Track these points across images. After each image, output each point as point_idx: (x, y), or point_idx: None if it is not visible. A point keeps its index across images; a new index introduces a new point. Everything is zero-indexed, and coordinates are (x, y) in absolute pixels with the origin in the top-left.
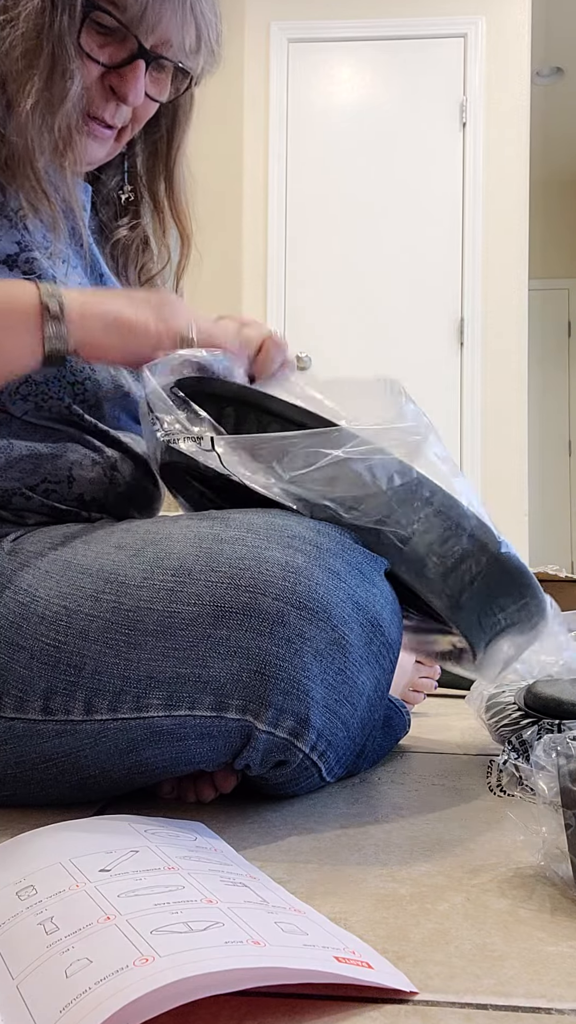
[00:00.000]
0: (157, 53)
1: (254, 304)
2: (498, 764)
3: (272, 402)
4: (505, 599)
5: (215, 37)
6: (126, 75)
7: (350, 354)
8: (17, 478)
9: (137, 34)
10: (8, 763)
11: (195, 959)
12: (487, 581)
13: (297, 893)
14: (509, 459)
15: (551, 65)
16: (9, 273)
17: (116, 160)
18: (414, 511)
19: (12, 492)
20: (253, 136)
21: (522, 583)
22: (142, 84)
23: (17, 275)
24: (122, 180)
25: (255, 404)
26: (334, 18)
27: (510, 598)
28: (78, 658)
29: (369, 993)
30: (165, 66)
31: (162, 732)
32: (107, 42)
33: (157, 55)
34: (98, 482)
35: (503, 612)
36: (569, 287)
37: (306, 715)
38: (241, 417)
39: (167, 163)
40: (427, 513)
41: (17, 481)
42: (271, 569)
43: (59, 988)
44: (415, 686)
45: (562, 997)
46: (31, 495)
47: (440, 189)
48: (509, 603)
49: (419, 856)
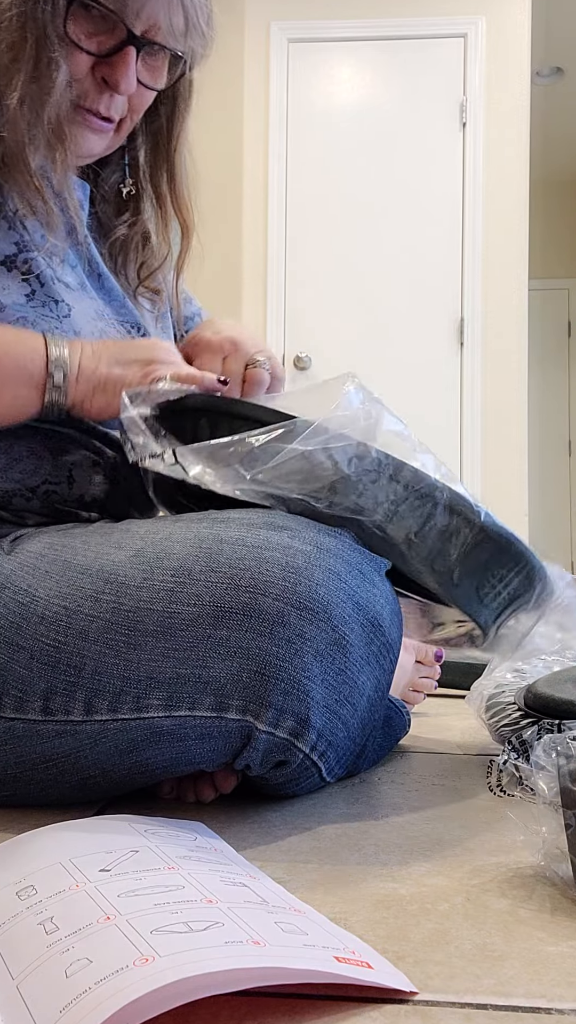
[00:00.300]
0: (147, 39)
1: (254, 304)
2: (498, 764)
3: (237, 406)
4: (499, 569)
5: (204, 18)
6: (116, 63)
7: (350, 354)
8: (18, 479)
9: (124, 20)
10: (8, 763)
11: (195, 959)
12: (475, 553)
13: (297, 893)
14: (509, 459)
15: (551, 65)
16: (8, 274)
17: (116, 155)
18: (382, 490)
19: (12, 493)
20: (253, 136)
21: (512, 551)
22: (133, 72)
23: (16, 276)
24: (123, 174)
25: (223, 411)
26: (334, 18)
27: (504, 568)
28: (78, 658)
29: (369, 993)
30: (157, 52)
31: (162, 732)
32: (95, 31)
33: (147, 40)
34: (98, 483)
35: (501, 583)
36: (569, 287)
37: (306, 715)
38: (215, 425)
39: (168, 153)
40: (396, 490)
41: (18, 482)
42: (271, 569)
43: (59, 988)
44: (415, 686)
45: (562, 997)
46: (31, 496)
47: (440, 189)
48: (504, 573)
49: (419, 856)
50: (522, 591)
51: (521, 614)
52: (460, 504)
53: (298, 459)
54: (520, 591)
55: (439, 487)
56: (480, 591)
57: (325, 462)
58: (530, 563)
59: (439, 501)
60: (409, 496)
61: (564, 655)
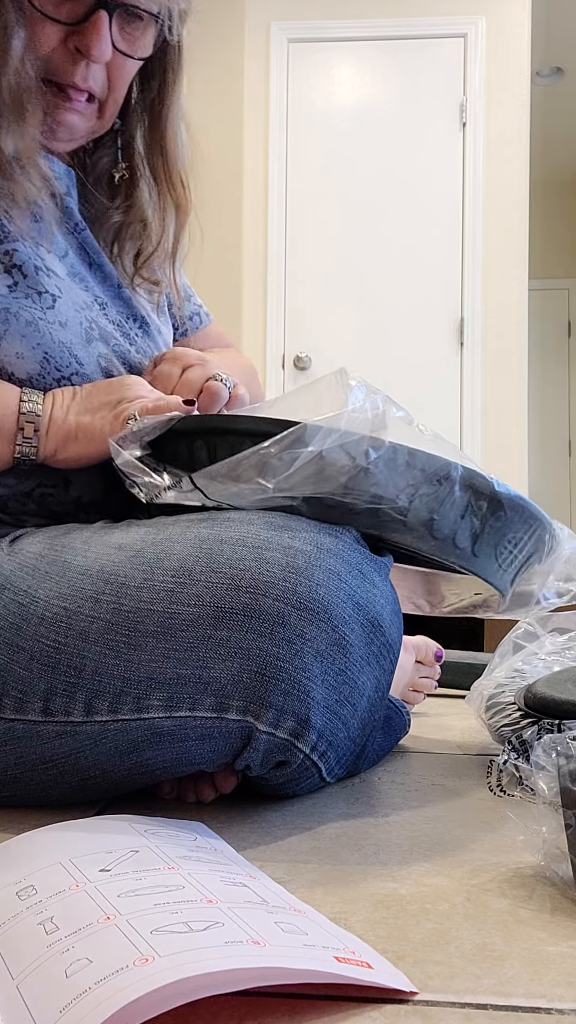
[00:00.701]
0: (118, 1)
1: (254, 304)
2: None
3: (237, 422)
4: (515, 534)
5: None
6: (87, 30)
7: (350, 354)
8: (11, 484)
9: None
10: (8, 764)
11: (195, 959)
12: (493, 524)
13: (297, 893)
14: (509, 459)
15: (551, 65)
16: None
17: (108, 139)
18: (401, 477)
19: (8, 497)
20: (253, 136)
21: (526, 513)
22: (107, 36)
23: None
24: (115, 158)
25: (222, 429)
26: (334, 18)
27: (519, 531)
28: (78, 659)
29: (369, 993)
30: (132, 17)
31: (163, 733)
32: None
33: (118, 3)
34: (95, 485)
35: (516, 547)
36: (569, 287)
37: (307, 716)
38: (212, 446)
39: (160, 127)
40: (414, 476)
41: (11, 488)
42: (271, 570)
43: (59, 988)
44: (415, 686)
45: (562, 997)
46: (26, 500)
47: (440, 189)
48: (520, 536)
49: (419, 856)
50: (534, 550)
51: (531, 572)
52: (474, 479)
53: (316, 460)
54: (533, 550)
55: (452, 465)
56: (499, 558)
57: (342, 459)
58: (541, 522)
59: (455, 479)
60: (427, 479)
61: (564, 655)
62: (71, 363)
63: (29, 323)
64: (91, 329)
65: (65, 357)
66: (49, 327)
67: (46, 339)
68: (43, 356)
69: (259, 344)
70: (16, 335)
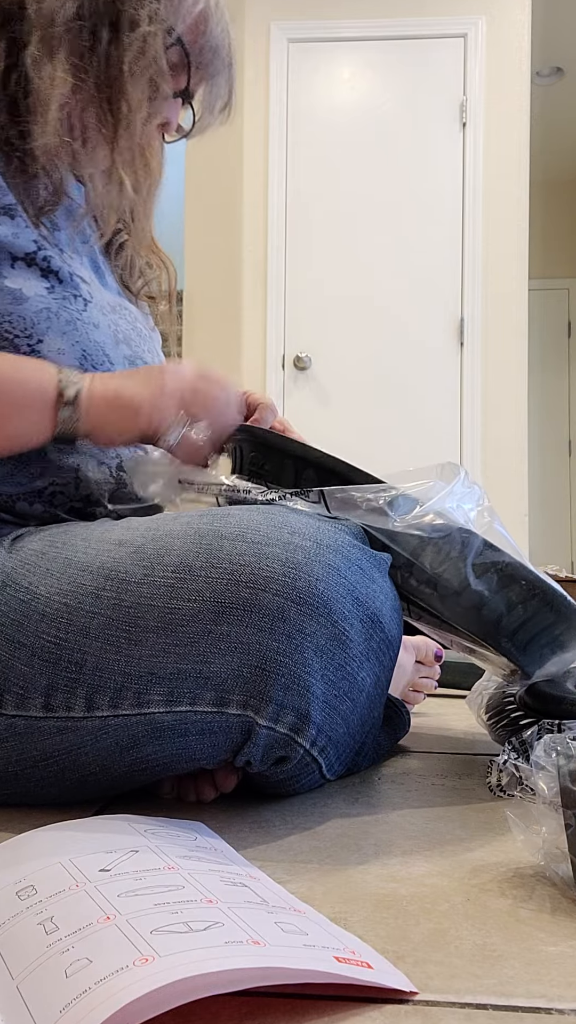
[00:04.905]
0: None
1: (254, 304)
2: (498, 764)
3: (351, 470)
4: (553, 630)
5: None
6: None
7: (350, 354)
8: (24, 483)
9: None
10: (9, 761)
11: (195, 959)
12: (537, 620)
13: (297, 893)
14: (509, 459)
15: (551, 65)
16: (28, 269)
17: None
18: (486, 579)
19: (17, 497)
20: (253, 136)
21: (565, 612)
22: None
23: (35, 272)
24: None
25: (333, 470)
26: (334, 18)
27: (557, 628)
28: (79, 655)
29: (369, 993)
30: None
31: (163, 728)
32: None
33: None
34: (104, 483)
35: (550, 639)
36: (569, 287)
37: (307, 710)
38: (299, 471)
39: None
40: (520, 590)
41: (23, 486)
42: (271, 565)
43: (59, 988)
44: (415, 686)
45: (562, 997)
46: (35, 499)
47: (440, 189)
48: (557, 632)
49: (419, 856)
50: (567, 641)
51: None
52: (542, 585)
53: (431, 516)
54: (566, 641)
55: (526, 568)
56: (529, 647)
57: (456, 543)
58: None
59: (550, 601)
60: (528, 595)
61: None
62: (104, 362)
63: (69, 322)
64: (117, 332)
65: (99, 356)
66: (85, 327)
67: (83, 338)
68: (81, 353)
69: (259, 344)
70: (58, 332)
